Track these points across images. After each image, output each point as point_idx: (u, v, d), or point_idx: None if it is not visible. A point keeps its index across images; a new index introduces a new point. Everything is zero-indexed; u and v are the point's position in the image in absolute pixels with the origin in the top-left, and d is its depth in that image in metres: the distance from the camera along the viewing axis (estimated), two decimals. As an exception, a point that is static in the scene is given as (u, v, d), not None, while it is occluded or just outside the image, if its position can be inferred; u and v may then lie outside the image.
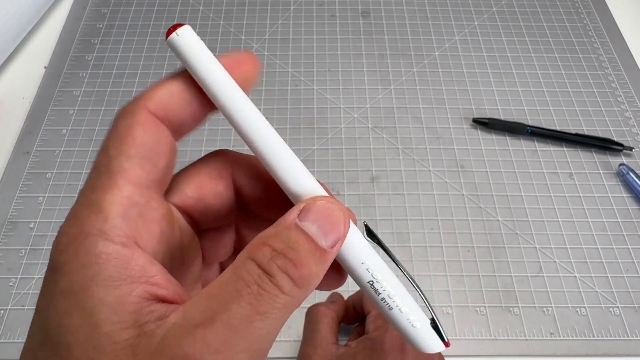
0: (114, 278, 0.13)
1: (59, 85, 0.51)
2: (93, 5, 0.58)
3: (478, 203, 0.44)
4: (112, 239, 0.14)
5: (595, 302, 0.39)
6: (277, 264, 0.14)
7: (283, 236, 0.14)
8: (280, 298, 0.14)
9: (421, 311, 0.17)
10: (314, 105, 0.50)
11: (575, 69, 0.53)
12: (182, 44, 0.16)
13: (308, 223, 0.15)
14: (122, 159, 0.15)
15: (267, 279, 0.14)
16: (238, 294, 0.13)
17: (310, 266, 0.14)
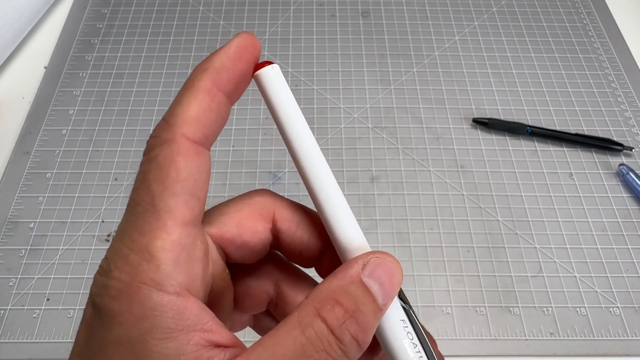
0: (170, 330, 0.13)
1: (59, 85, 0.51)
2: (93, 5, 0.58)
3: (478, 203, 0.44)
4: (166, 289, 0.14)
5: (595, 302, 0.39)
6: (350, 331, 0.14)
7: (352, 294, 0.14)
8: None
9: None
10: (314, 105, 0.50)
11: (575, 69, 0.53)
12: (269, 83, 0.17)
13: (372, 280, 0.15)
14: (167, 197, 0.14)
15: (337, 346, 0.14)
16: (305, 358, 0.13)
17: (373, 329, 0.14)
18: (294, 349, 0.13)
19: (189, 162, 0.15)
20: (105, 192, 0.44)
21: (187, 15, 0.57)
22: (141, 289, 0.13)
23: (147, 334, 0.13)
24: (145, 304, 0.13)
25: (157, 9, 0.57)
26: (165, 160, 0.15)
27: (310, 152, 0.17)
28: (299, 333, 0.14)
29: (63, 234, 0.42)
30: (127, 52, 0.54)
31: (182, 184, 0.14)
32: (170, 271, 0.14)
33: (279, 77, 0.17)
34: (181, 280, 0.14)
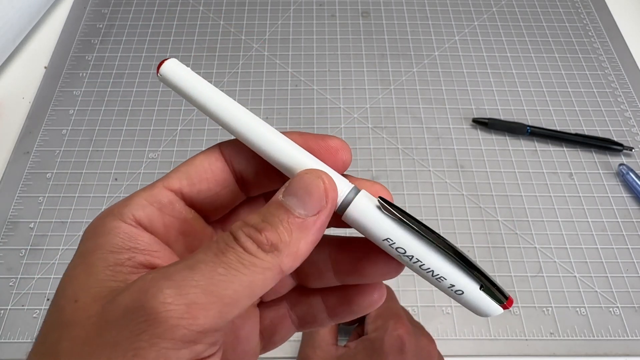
0: (117, 246, 0.16)
1: (59, 85, 0.51)
2: (93, 5, 0.58)
3: (478, 203, 0.44)
4: (125, 219, 0.16)
5: (595, 302, 0.39)
6: (243, 230, 0.15)
7: (261, 212, 0.16)
8: (245, 257, 0.15)
9: (465, 277, 0.18)
10: (314, 105, 0.50)
11: (575, 69, 0.53)
12: (170, 75, 0.18)
13: (288, 197, 0.16)
14: (172, 172, 0.18)
15: (233, 241, 0.15)
16: (205, 248, 0.15)
17: (280, 233, 0.15)
18: (199, 250, 0.15)
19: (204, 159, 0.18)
20: (105, 192, 0.44)
21: (187, 15, 0.57)
22: (107, 216, 0.17)
23: (98, 247, 0.16)
24: (105, 225, 0.16)
25: (157, 9, 0.57)
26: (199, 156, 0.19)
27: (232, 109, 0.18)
28: (214, 245, 0.15)
29: (63, 234, 0.42)
30: (127, 52, 0.54)
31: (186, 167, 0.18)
32: (135, 210, 0.17)
33: (178, 67, 0.18)
34: (143, 218, 0.17)
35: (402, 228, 0.17)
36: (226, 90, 0.50)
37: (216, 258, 0.15)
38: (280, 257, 0.15)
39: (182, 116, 0.49)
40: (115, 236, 0.16)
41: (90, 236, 0.16)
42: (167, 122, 0.48)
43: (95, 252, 0.16)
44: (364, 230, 0.17)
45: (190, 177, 0.18)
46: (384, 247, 0.17)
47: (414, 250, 0.17)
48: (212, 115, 0.18)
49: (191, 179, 0.18)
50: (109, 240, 0.16)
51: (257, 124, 0.18)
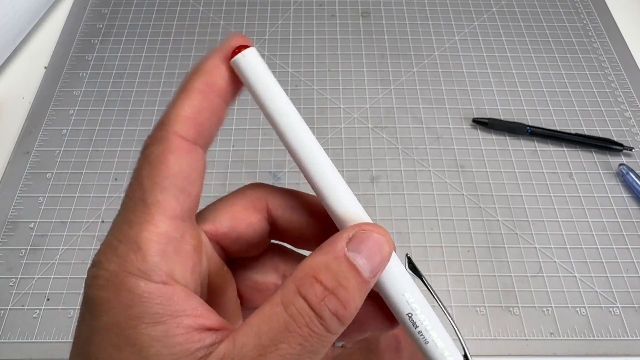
0: (159, 314, 0.14)
1: (59, 85, 0.51)
2: (93, 5, 0.58)
3: (478, 203, 0.44)
4: (152, 278, 0.14)
5: (595, 302, 0.39)
6: (329, 307, 0.14)
7: (333, 270, 0.15)
8: (328, 338, 0.14)
9: (454, 346, 0.17)
10: (314, 105, 0.50)
11: (575, 69, 0.53)
12: (246, 67, 0.16)
13: (357, 254, 0.15)
14: (156, 192, 0.15)
15: (318, 321, 0.14)
16: (288, 333, 0.14)
17: (357, 302, 0.15)
18: (277, 326, 0.14)
19: (179, 159, 0.15)
20: (105, 192, 0.44)
21: (187, 15, 0.57)
22: (128, 278, 0.14)
23: (136, 319, 0.14)
24: (134, 292, 0.14)
25: (157, 9, 0.57)
26: (157, 157, 0.15)
27: (299, 132, 0.16)
28: (281, 310, 0.14)
29: (63, 234, 0.42)
30: (127, 52, 0.54)
31: (171, 179, 0.15)
32: (157, 262, 0.14)
33: (257, 60, 0.16)
34: (168, 270, 0.14)
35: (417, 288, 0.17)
36: (226, 90, 0.50)
37: (302, 349, 0.14)
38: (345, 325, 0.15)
39: (182, 116, 0.49)
40: (150, 304, 0.14)
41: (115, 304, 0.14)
42: (167, 122, 0.48)
43: (137, 328, 0.14)
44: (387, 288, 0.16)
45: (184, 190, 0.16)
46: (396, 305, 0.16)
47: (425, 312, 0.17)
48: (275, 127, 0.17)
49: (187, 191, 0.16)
50: (144, 309, 0.14)
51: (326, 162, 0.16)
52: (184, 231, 0.15)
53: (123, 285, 0.14)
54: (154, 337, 0.13)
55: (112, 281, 0.14)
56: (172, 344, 0.14)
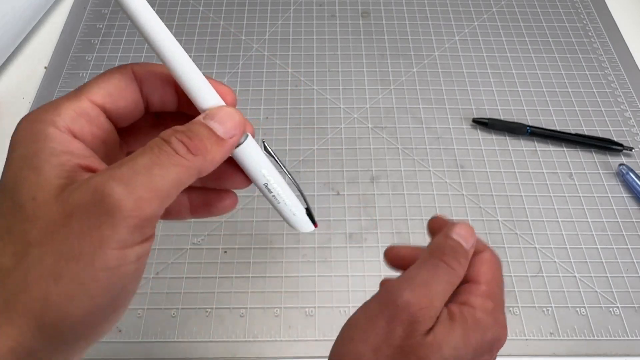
0: (57, 150, 0.18)
1: (59, 85, 0.51)
2: (93, 5, 0.58)
3: (478, 203, 0.44)
4: (58, 127, 0.19)
5: (595, 302, 0.39)
6: (175, 136, 0.19)
7: (187, 126, 0.19)
8: (175, 157, 0.18)
9: (300, 204, 0.25)
10: (314, 105, 0.50)
11: (575, 69, 0.53)
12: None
13: (211, 121, 0.20)
14: (92, 86, 0.20)
15: (166, 144, 0.19)
16: (142, 152, 0.18)
17: (204, 143, 0.19)
18: (135, 153, 0.18)
19: (121, 79, 0.21)
20: (105, 192, 0.44)
21: (187, 15, 0.57)
22: (42, 124, 0.19)
23: (39, 150, 0.18)
24: (41, 132, 0.18)
25: (158, 9, 0.57)
26: (109, 72, 0.21)
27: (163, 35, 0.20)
28: (148, 149, 0.18)
29: (63, 234, 0.41)
30: (127, 53, 0.54)
31: (106, 83, 0.21)
32: (67, 120, 0.19)
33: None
34: (76, 130, 0.19)
35: (273, 166, 0.23)
36: (226, 91, 0.51)
37: (152, 161, 0.18)
38: (202, 160, 0.19)
39: (182, 116, 0.49)
40: (52, 141, 0.18)
41: (24, 142, 0.18)
42: (167, 122, 0.48)
43: (38, 154, 0.18)
44: (247, 164, 0.22)
45: (111, 94, 0.21)
46: (256, 177, 0.23)
47: (278, 182, 0.23)
48: (148, 41, 0.20)
49: (112, 96, 0.21)
50: (47, 145, 0.18)
51: (185, 57, 0.20)
52: (100, 114, 0.20)
53: (34, 127, 0.19)
54: (49, 162, 0.18)
55: (31, 125, 0.19)
56: (61, 171, 0.18)
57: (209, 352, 0.36)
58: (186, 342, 0.37)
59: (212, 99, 0.21)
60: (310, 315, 0.38)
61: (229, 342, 0.37)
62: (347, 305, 0.39)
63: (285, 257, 0.40)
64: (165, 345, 0.36)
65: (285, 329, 0.37)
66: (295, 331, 0.37)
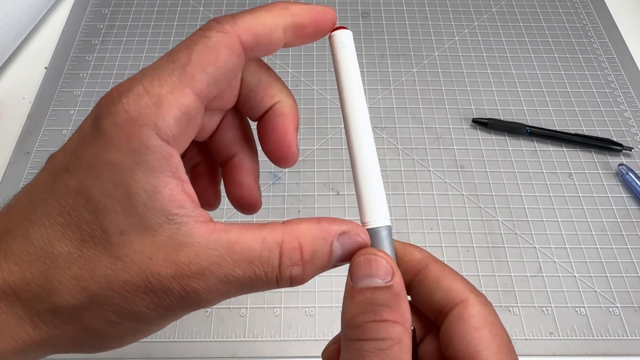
0: (155, 169, 0.16)
1: (59, 85, 0.51)
2: (93, 5, 0.58)
3: (478, 203, 0.44)
4: (162, 136, 0.16)
5: (594, 301, 0.39)
6: (292, 273, 0.17)
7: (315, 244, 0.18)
8: (271, 288, 0.17)
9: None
10: (314, 105, 0.50)
11: (575, 70, 0.53)
12: (339, 44, 0.20)
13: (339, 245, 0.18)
14: (198, 69, 0.17)
15: (276, 277, 0.17)
16: (249, 266, 0.16)
17: (311, 277, 0.18)
18: (248, 255, 0.16)
19: (230, 57, 0.17)
20: (105, 192, 0.44)
21: (187, 15, 0.57)
22: (143, 128, 0.16)
23: (136, 165, 0.16)
24: (143, 141, 0.16)
25: (158, 9, 0.57)
26: (214, 43, 0.17)
27: (359, 117, 0.21)
28: (258, 246, 0.16)
29: (63, 234, 0.42)
30: (128, 53, 0.54)
31: (214, 68, 0.17)
32: (171, 124, 0.16)
33: (350, 42, 0.20)
34: (175, 134, 0.16)
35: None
36: (226, 91, 0.51)
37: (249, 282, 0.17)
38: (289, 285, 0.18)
39: (182, 116, 0.49)
40: (152, 155, 0.16)
41: (122, 145, 0.16)
42: (168, 123, 0.48)
43: (132, 173, 0.16)
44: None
45: (217, 82, 0.17)
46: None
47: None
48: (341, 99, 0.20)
49: (218, 84, 0.18)
50: (145, 160, 0.16)
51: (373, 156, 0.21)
52: (200, 111, 0.17)
53: (137, 131, 0.16)
54: (145, 188, 0.16)
55: (128, 124, 0.16)
56: (155, 200, 0.16)
57: (209, 352, 0.36)
58: (186, 342, 0.37)
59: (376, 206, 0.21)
60: (310, 315, 0.38)
61: (229, 342, 0.37)
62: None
63: (285, 257, 0.40)
64: (165, 345, 0.36)
65: (285, 329, 0.37)
66: (295, 331, 0.37)
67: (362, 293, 0.17)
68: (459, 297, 0.19)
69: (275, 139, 0.21)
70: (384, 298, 0.17)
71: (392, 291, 0.17)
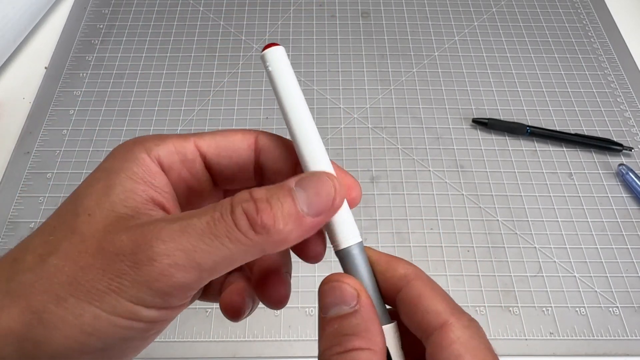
0: (138, 175, 0.18)
1: (59, 85, 0.51)
2: (93, 5, 0.58)
3: (478, 203, 0.44)
4: (150, 155, 0.19)
5: (594, 302, 0.39)
6: (242, 206, 0.16)
7: (269, 190, 0.17)
8: (234, 231, 0.16)
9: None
10: (314, 105, 0.50)
11: (575, 70, 0.53)
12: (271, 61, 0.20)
13: (300, 189, 0.17)
14: (208, 134, 0.20)
15: (230, 213, 0.16)
16: (204, 212, 0.16)
17: (276, 220, 0.16)
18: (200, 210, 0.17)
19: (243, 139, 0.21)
20: (105, 192, 0.44)
21: (187, 15, 0.57)
22: (138, 145, 0.19)
23: (123, 170, 0.18)
24: (134, 152, 0.19)
25: (158, 9, 0.57)
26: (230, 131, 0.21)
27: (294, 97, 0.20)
28: (211, 211, 0.16)
29: (63, 234, 0.42)
30: (128, 53, 0.54)
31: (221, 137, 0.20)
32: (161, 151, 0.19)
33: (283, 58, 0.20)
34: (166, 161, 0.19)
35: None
36: (226, 91, 0.51)
37: (207, 227, 0.16)
38: (267, 240, 0.16)
39: (182, 116, 0.49)
40: (138, 165, 0.18)
41: (118, 156, 0.19)
42: (168, 123, 0.48)
43: (118, 174, 0.18)
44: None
45: (220, 147, 0.20)
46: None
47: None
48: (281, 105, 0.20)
49: (220, 149, 0.20)
50: (132, 166, 0.18)
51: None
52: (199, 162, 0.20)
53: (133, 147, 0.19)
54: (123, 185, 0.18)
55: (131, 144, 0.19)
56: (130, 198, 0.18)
57: (209, 352, 0.36)
58: (186, 342, 0.37)
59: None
60: (310, 315, 0.38)
61: (229, 342, 0.37)
62: (347, 305, 0.39)
63: (285, 257, 0.40)
64: (165, 345, 0.36)
65: (285, 329, 0.37)
66: (295, 331, 0.37)
67: (330, 324, 0.17)
68: (437, 320, 0.18)
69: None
70: (351, 325, 0.17)
71: (359, 316, 0.17)
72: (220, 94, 0.50)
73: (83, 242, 0.16)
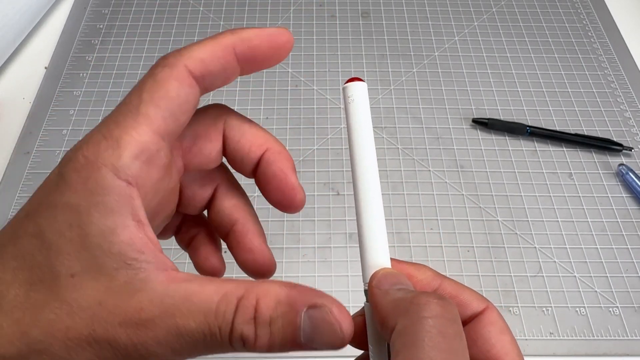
0: (112, 210, 0.15)
1: (59, 85, 0.51)
2: (93, 5, 0.58)
3: (478, 203, 0.44)
4: (120, 176, 0.16)
5: (594, 302, 0.39)
6: (243, 332, 0.15)
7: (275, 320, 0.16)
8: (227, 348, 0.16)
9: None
10: (314, 105, 0.50)
11: (575, 70, 0.53)
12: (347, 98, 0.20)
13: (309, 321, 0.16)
14: (151, 106, 0.17)
15: (228, 334, 0.15)
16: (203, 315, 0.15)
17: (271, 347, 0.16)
18: (205, 307, 0.15)
19: (180, 87, 0.17)
20: (105, 192, 0.44)
21: (187, 15, 0.57)
22: (101, 169, 0.16)
23: (92, 206, 0.15)
24: (99, 182, 0.15)
25: (158, 9, 0.57)
26: (162, 78, 0.17)
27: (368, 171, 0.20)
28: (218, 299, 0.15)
29: (63, 234, 0.42)
30: (128, 53, 0.54)
31: (167, 102, 0.17)
32: (128, 163, 0.16)
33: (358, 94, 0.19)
34: (135, 173, 0.16)
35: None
36: (226, 91, 0.51)
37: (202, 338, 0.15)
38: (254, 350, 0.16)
39: (182, 116, 0.49)
40: (109, 197, 0.16)
41: (77, 186, 0.16)
42: (168, 123, 0.48)
43: (89, 214, 0.15)
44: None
45: (175, 115, 0.17)
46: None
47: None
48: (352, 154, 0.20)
49: (177, 117, 0.17)
50: (103, 201, 0.15)
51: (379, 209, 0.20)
52: (161, 148, 0.17)
53: (94, 173, 0.16)
54: (101, 229, 0.15)
55: (86, 167, 0.16)
56: (114, 242, 0.15)
57: (209, 352, 0.36)
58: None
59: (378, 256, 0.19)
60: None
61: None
62: (347, 305, 0.38)
63: (285, 257, 0.40)
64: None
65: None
66: (295, 331, 0.37)
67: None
68: (480, 306, 0.20)
69: (277, 186, 0.21)
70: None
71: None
72: (220, 94, 0.50)
73: (71, 316, 0.15)
